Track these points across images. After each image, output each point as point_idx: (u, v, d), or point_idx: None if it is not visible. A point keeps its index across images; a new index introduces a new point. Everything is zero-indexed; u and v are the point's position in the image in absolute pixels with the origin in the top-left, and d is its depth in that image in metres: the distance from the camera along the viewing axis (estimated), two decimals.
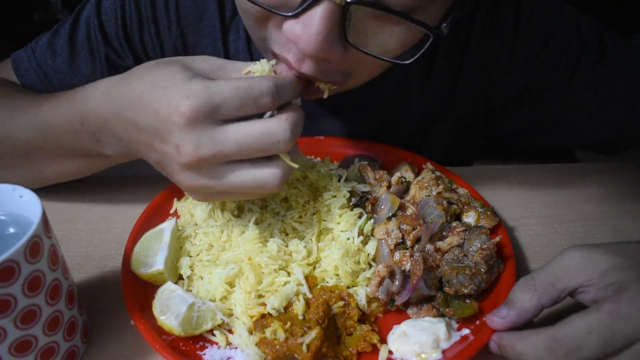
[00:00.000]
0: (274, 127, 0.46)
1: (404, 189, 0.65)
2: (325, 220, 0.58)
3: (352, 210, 0.59)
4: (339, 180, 0.62)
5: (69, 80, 0.74)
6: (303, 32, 0.48)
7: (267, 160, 0.48)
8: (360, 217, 0.58)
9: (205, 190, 0.49)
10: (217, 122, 0.46)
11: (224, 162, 0.47)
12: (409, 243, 0.56)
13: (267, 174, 0.48)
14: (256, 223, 0.58)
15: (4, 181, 0.48)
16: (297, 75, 0.53)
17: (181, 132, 0.45)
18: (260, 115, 0.48)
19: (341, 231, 0.57)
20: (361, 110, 0.84)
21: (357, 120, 0.84)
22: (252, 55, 0.78)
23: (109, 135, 0.53)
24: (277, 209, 0.60)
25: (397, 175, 0.67)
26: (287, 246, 0.55)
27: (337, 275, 0.54)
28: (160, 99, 0.45)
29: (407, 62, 0.53)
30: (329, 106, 0.83)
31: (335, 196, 0.60)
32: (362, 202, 0.60)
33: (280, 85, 0.48)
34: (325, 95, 0.57)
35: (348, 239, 0.56)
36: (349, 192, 0.60)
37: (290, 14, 0.49)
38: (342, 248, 0.54)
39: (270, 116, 0.48)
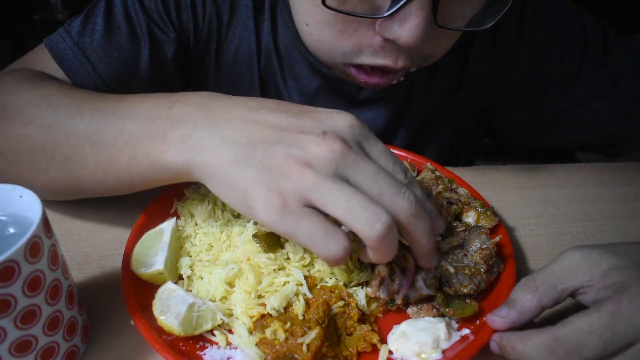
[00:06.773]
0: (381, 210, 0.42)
1: None
2: None
3: None
4: None
5: (110, 57, 0.72)
6: (403, 28, 0.52)
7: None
8: None
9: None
10: (343, 177, 0.42)
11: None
12: None
13: (335, 236, 0.42)
14: (255, 223, 0.58)
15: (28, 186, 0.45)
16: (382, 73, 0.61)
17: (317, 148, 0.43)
18: None
19: None
20: (374, 104, 0.84)
21: (369, 114, 0.85)
22: (277, 37, 0.79)
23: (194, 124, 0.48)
24: None
25: None
26: (282, 247, 0.55)
27: (333, 273, 0.54)
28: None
29: (489, 26, 0.57)
30: (347, 97, 0.83)
31: None
32: None
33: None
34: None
35: None
36: None
37: (385, 14, 0.52)
38: None
39: None
